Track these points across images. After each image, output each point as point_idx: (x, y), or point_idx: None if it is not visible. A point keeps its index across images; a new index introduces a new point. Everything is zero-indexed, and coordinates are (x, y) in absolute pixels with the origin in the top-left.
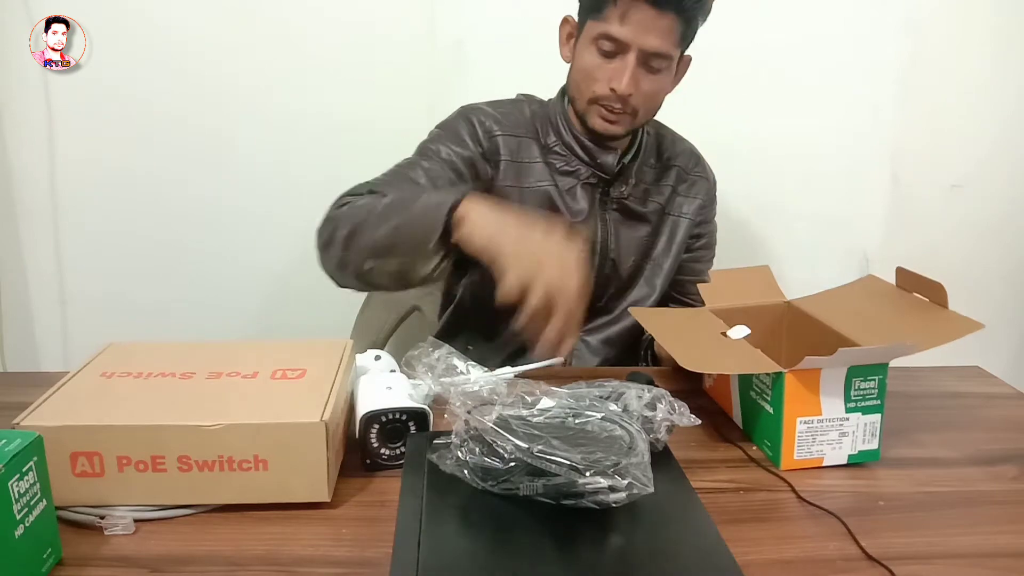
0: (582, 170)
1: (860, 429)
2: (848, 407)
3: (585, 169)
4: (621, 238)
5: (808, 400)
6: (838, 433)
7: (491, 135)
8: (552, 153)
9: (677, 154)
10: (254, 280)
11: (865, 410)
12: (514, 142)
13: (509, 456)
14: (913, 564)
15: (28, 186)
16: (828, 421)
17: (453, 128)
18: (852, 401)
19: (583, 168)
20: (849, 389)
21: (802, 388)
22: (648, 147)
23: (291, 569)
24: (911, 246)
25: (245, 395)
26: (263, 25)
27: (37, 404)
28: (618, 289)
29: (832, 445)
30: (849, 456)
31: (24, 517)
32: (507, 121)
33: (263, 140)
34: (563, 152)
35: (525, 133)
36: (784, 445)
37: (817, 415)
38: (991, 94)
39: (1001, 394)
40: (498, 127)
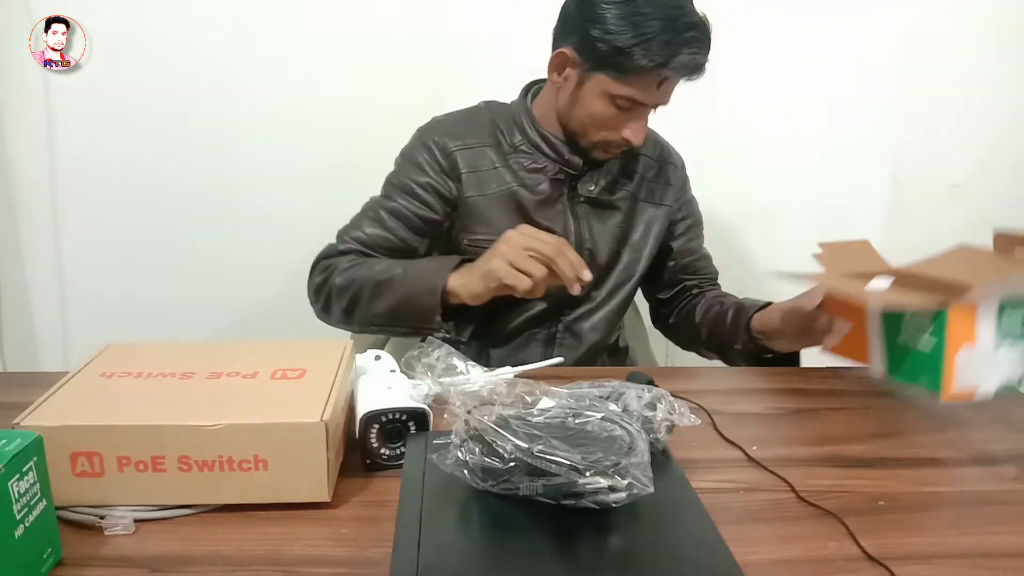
0: (549, 167)
1: (1008, 360)
2: (999, 339)
3: (552, 165)
4: (594, 229)
5: (967, 333)
6: (990, 365)
7: (447, 153)
8: (518, 152)
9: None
10: (254, 280)
11: (1012, 341)
12: (471, 153)
13: (509, 456)
14: (913, 564)
15: (28, 186)
16: (982, 352)
17: (412, 157)
18: (1002, 332)
19: (550, 164)
20: (1001, 320)
21: (963, 322)
22: None
23: (291, 569)
24: (911, 246)
25: (245, 395)
26: (263, 25)
27: (37, 404)
28: (598, 278)
29: (984, 376)
30: (998, 386)
31: (24, 517)
32: (462, 133)
33: (263, 140)
34: (529, 151)
35: (481, 142)
36: (945, 377)
37: (973, 346)
38: (991, 94)
39: None
40: (453, 143)
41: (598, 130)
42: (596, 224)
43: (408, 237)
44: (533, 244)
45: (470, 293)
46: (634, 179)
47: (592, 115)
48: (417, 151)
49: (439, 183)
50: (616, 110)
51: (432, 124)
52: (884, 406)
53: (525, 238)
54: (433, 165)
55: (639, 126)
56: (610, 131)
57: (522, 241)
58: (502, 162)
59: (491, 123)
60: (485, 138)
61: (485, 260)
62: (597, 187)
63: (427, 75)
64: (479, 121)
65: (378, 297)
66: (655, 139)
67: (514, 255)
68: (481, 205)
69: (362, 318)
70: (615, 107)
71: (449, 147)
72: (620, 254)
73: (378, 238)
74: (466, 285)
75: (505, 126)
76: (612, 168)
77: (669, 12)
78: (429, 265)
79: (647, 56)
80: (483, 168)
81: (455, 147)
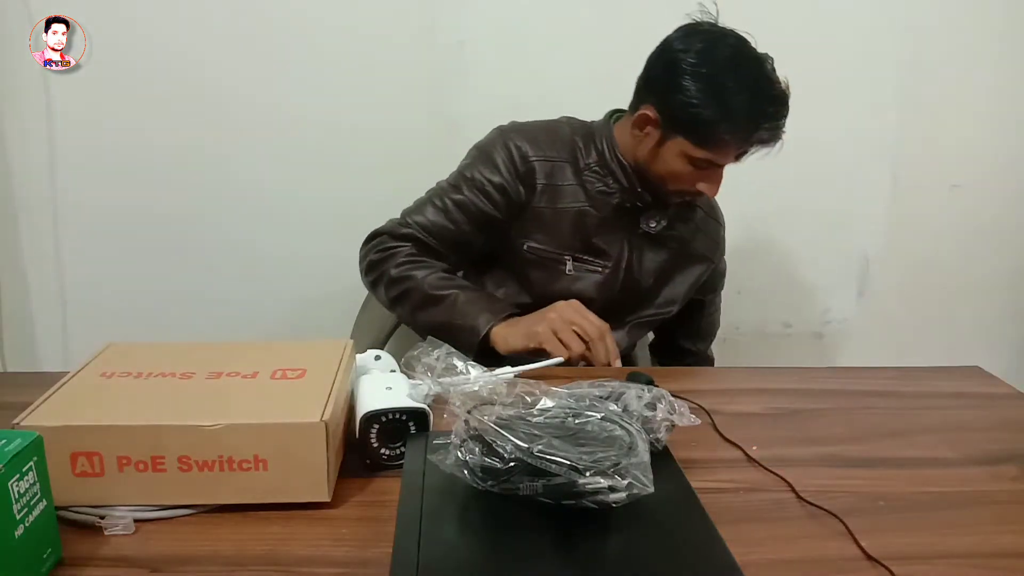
0: (617, 193)
1: None
2: None
3: (621, 193)
4: (644, 261)
5: None
6: None
7: (527, 160)
8: (591, 172)
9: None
10: (254, 280)
11: None
12: (549, 166)
13: (509, 456)
14: (913, 564)
15: (28, 186)
16: None
17: (489, 154)
18: None
19: (619, 191)
20: None
21: None
22: None
23: (291, 569)
24: (911, 246)
25: (245, 395)
26: (263, 25)
27: (37, 404)
28: (630, 307)
29: None
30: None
31: (24, 517)
32: (543, 145)
33: (263, 140)
34: (602, 173)
35: (560, 156)
36: None
37: None
38: (991, 94)
39: (1001, 394)
40: (535, 152)
41: (676, 184)
42: (647, 257)
43: (469, 231)
44: (580, 322)
45: (508, 347)
46: (688, 225)
47: (671, 172)
48: (496, 149)
49: (511, 186)
50: (694, 168)
51: (515, 127)
52: (884, 406)
53: (575, 314)
54: (509, 167)
55: (712, 178)
56: (687, 184)
57: (570, 316)
58: (577, 180)
59: (571, 139)
60: (564, 154)
61: (532, 321)
62: (658, 225)
63: (427, 76)
64: (560, 135)
65: (423, 310)
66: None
67: (560, 326)
68: (548, 216)
69: (402, 313)
70: (693, 166)
71: (530, 155)
72: (660, 291)
73: (439, 226)
74: (506, 339)
75: (583, 143)
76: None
77: (754, 86)
78: (480, 305)
79: (730, 132)
80: (560, 182)
81: (535, 157)
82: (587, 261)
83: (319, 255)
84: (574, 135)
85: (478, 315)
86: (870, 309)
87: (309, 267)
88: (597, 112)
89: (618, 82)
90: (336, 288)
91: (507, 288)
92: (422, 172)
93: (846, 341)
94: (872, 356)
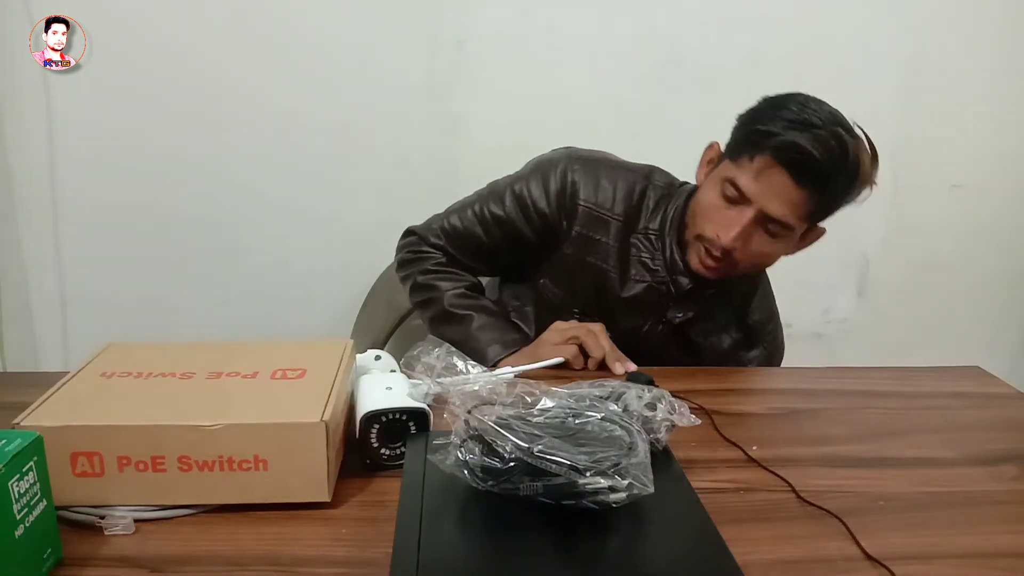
0: (661, 274)
1: None
2: None
3: (664, 275)
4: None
5: None
6: None
7: (576, 199)
8: (644, 237)
9: (755, 313)
10: (254, 280)
11: None
12: (594, 216)
13: (509, 456)
14: (913, 564)
15: (28, 186)
16: None
17: (545, 175)
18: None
19: (662, 273)
20: None
21: None
22: (735, 293)
23: (291, 569)
24: (911, 246)
25: (245, 395)
26: (263, 25)
27: (37, 404)
28: None
29: None
30: None
31: (24, 517)
32: (601, 192)
33: (263, 141)
34: (654, 245)
35: (613, 213)
36: None
37: None
38: (991, 94)
39: (1001, 394)
40: (586, 194)
41: (701, 222)
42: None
43: (500, 244)
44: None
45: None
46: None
47: (701, 203)
48: (552, 173)
49: (552, 217)
50: (723, 201)
51: (585, 157)
52: (884, 406)
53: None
54: (558, 197)
55: (734, 218)
56: (709, 222)
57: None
58: (617, 241)
59: (642, 196)
60: (620, 210)
61: (533, 347)
62: (684, 316)
63: (428, 76)
64: (630, 188)
65: (441, 324)
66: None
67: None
68: (573, 267)
69: (422, 318)
70: (723, 197)
71: (580, 196)
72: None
73: (474, 237)
74: (513, 363)
75: (655, 204)
76: (714, 312)
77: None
78: (493, 334)
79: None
80: (596, 236)
81: (584, 201)
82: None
83: (320, 255)
84: (649, 192)
85: (489, 344)
86: (870, 309)
87: (309, 267)
88: (598, 111)
89: (618, 82)
90: (336, 288)
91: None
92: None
93: (846, 341)
94: (872, 356)
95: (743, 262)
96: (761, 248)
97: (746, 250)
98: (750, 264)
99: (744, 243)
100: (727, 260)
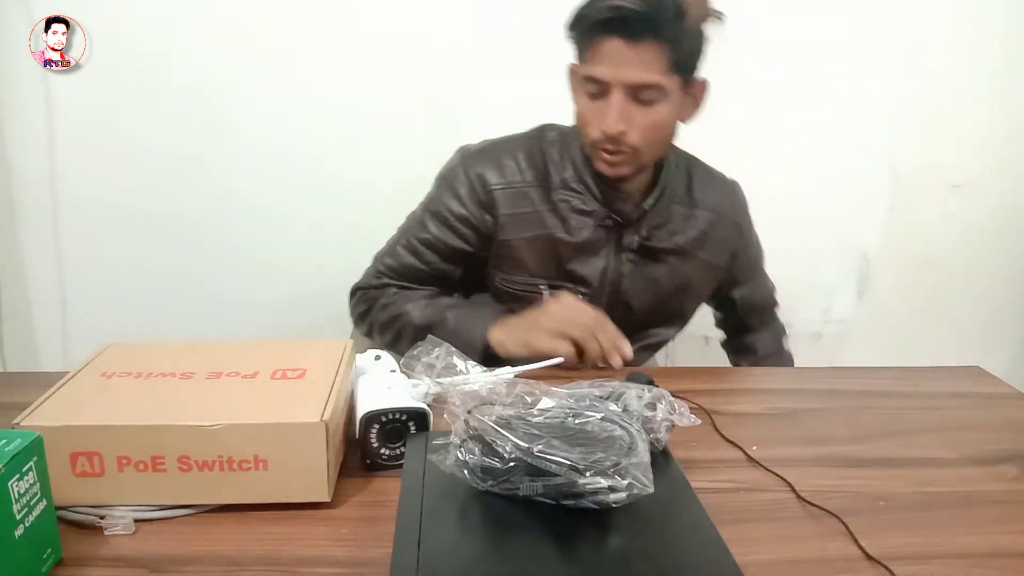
0: (598, 211)
1: None
2: None
3: (602, 210)
4: (637, 281)
5: None
6: None
7: (487, 189)
8: (568, 189)
9: (709, 196)
10: (254, 280)
11: None
12: (511, 193)
13: (509, 456)
14: (913, 564)
15: (28, 186)
16: None
17: (451, 184)
18: None
19: (599, 209)
20: None
21: None
22: (673, 189)
23: (291, 569)
24: (911, 246)
25: (245, 395)
26: (262, 25)
27: (37, 404)
28: (633, 329)
29: None
30: None
31: (24, 517)
32: (506, 169)
33: (263, 140)
34: (580, 189)
35: (524, 181)
36: None
37: None
38: (991, 94)
39: (1001, 394)
40: (494, 179)
41: (584, 129)
42: (640, 275)
43: (444, 267)
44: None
45: (507, 353)
46: (692, 235)
47: (577, 114)
48: (456, 179)
49: (475, 217)
50: (590, 101)
51: (476, 150)
52: (884, 406)
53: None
54: (472, 197)
55: (605, 108)
56: (589, 125)
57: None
58: (544, 204)
59: (542, 155)
60: (531, 175)
61: (525, 328)
62: (639, 237)
63: (427, 76)
64: (529, 153)
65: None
66: (724, 190)
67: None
68: (517, 249)
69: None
70: (590, 97)
71: (489, 183)
72: (661, 309)
73: (413, 268)
74: (504, 345)
75: (559, 157)
76: (674, 216)
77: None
78: (470, 321)
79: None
80: (523, 210)
81: (495, 185)
82: (564, 287)
83: (320, 255)
84: (548, 148)
85: (471, 331)
86: (870, 309)
87: (309, 267)
88: None
89: None
90: (336, 288)
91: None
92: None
93: (846, 341)
94: (872, 356)
95: (642, 143)
96: (649, 120)
97: (635, 129)
98: (650, 141)
99: (628, 124)
100: (622, 147)
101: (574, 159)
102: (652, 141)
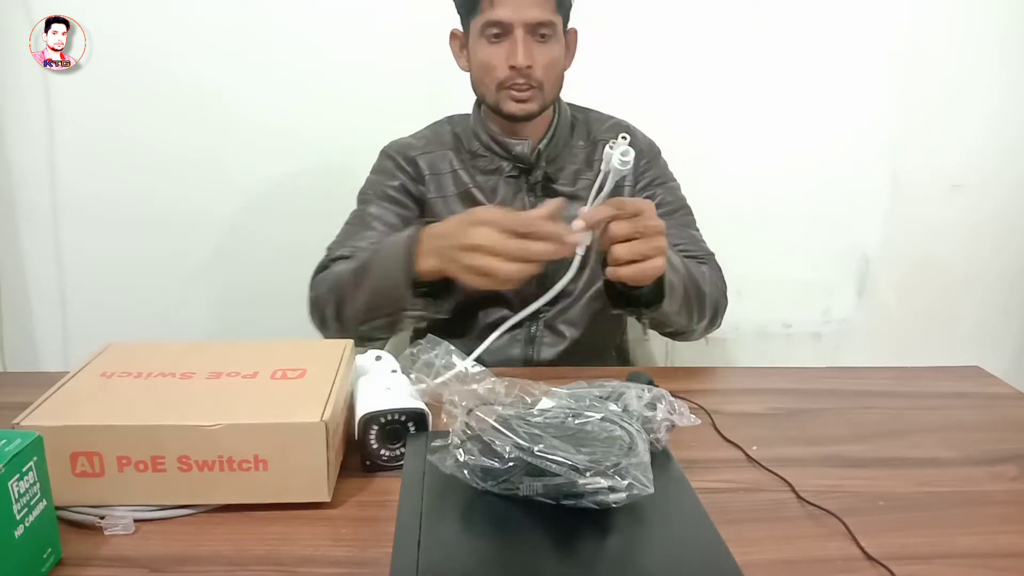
0: (504, 165)
1: None
2: None
3: (507, 164)
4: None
5: None
6: None
7: (410, 158)
8: (476, 157)
9: (604, 129)
10: (254, 280)
11: None
12: (432, 157)
13: (509, 456)
14: (913, 564)
15: (28, 186)
16: None
17: (379, 168)
18: None
19: (504, 163)
20: None
21: None
22: (566, 128)
23: (291, 569)
24: (911, 246)
25: (245, 395)
26: (262, 24)
27: (37, 404)
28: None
29: None
30: None
31: (24, 517)
32: (423, 142)
33: (263, 140)
34: (484, 153)
35: (440, 147)
36: None
37: None
38: (991, 94)
39: (1001, 394)
40: (414, 149)
41: (490, 73)
42: None
43: None
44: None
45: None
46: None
47: (480, 63)
48: (383, 162)
49: (409, 185)
50: (493, 45)
51: (394, 141)
52: (884, 406)
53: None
54: (401, 168)
55: (511, 46)
56: (496, 68)
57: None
58: (461, 164)
59: (452, 133)
60: (445, 144)
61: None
62: (543, 170)
63: (426, 72)
64: (440, 132)
65: (358, 287)
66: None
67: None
68: (441, 207)
69: (349, 317)
70: (491, 43)
71: (411, 153)
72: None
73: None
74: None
75: (463, 133)
76: (576, 157)
77: None
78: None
79: None
80: (443, 171)
81: (417, 152)
82: None
83: (320, 255)
84: (455, 129)
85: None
86: (870, 309)
87: (310, 267)
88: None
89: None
90: None
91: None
92: None
93: (846, 341)
94: (872, 356)
95: (545, 78)
96: (548, 56)
97: (539, 64)
98: (548, 77)
99: (533, 58)
100: (531, 82)
101: (475, 131)
102: (552, 78)
